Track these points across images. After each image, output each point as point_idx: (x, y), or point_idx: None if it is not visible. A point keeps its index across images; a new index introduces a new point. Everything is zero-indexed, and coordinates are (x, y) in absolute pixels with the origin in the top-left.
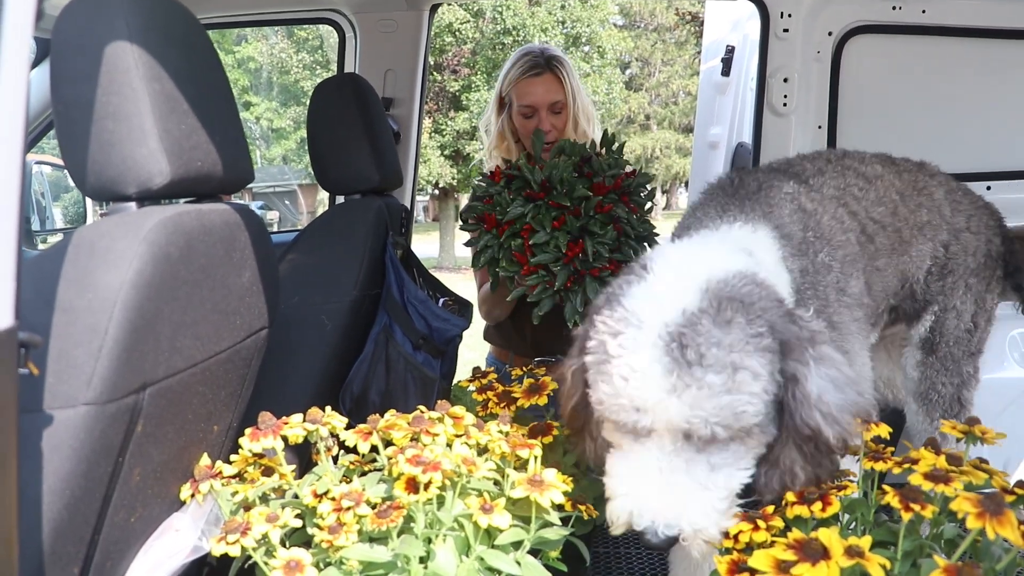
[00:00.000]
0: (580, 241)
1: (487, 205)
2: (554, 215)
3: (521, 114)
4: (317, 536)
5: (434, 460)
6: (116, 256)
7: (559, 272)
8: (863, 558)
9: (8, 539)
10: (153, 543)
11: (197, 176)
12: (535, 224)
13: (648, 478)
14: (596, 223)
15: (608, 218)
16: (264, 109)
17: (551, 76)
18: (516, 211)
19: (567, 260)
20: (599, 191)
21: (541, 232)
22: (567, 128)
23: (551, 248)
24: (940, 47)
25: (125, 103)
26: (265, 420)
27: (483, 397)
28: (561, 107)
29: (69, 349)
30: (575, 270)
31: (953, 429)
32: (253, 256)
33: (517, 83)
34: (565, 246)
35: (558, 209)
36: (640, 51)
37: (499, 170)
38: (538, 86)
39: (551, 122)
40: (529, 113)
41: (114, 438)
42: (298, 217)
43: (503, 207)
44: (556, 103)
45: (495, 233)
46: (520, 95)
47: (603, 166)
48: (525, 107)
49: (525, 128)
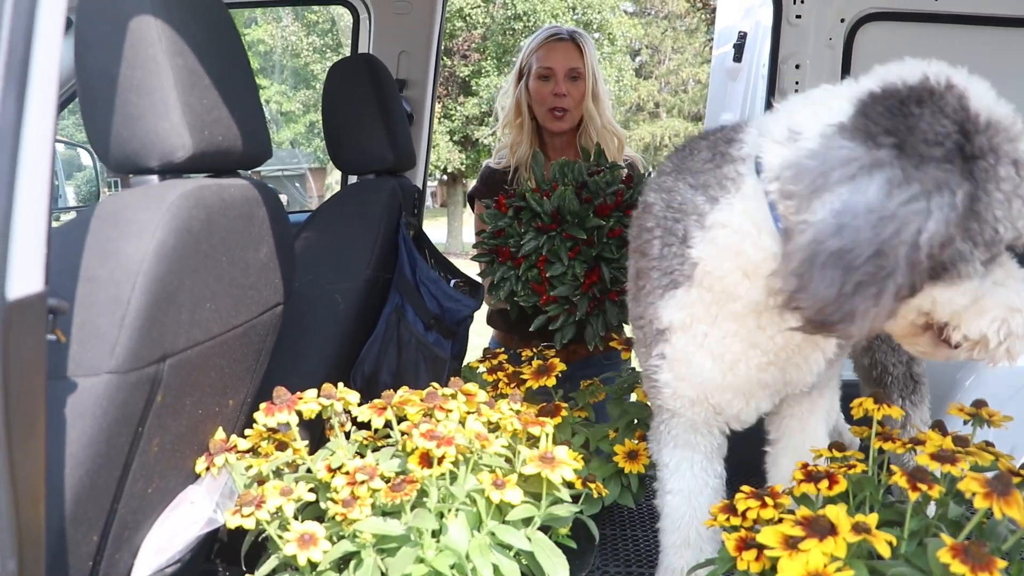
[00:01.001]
0: (597, 268)
1: (499, 238)
2: (569, 246)
3: (539, 75)
4: (331, 509)
5: (448, 435)
6: (139, 227)
7: (579, 301)
8: (870, 535)
9: (35, 500)
10: (169, 514)
11: (218, 150)
12: (551, 256)
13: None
14: (610, 248)
15: (621, 241)
16: (274, 92)
17: (572, 44)
18: (530, 245)
19: (585, 288)
20: (602, 212)
21: (558, 264)
22: (585, 100)
23: (568, 279)
24: (952, 34)
25: (149, 77)
26: (280, 395)
27: (493, 378)
28: (579, 75)
29: (93, 318)
30: (594, 296)
31: (960, 412)
32: (271, 232)
33: (538, 48)
34: (583, 275)
35: (572, 240)
36: (650, 38)
37: (503, 200)
38: (559, 51)
39: (567, 88)
40: (547, 74)
41: (135, 408)
42: (307, 200)
43: (516, 239)
44: (574, 69)
45: (511, 265)
46: (540, 58)
47: (600, 185)
48: (544, 68)
49: (540, 92)
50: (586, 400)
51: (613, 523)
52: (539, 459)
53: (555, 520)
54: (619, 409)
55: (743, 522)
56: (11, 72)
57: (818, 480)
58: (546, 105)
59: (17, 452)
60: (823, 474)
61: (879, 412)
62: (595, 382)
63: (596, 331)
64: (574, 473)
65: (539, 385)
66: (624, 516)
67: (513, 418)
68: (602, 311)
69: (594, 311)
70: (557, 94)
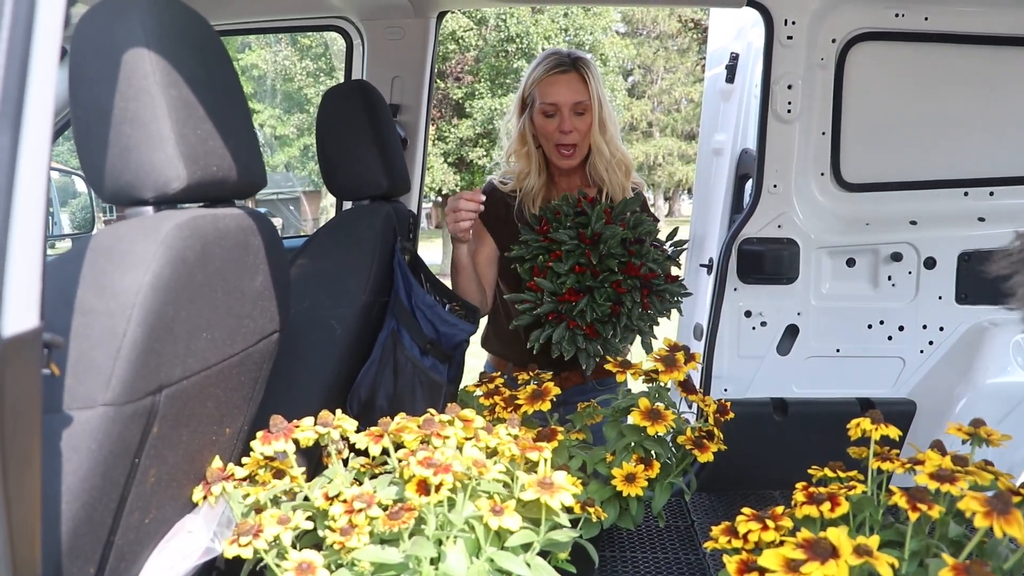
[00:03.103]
0: (616, 307)
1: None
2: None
3: (542, 112)
4: (329, 538)
5: (445, 462)
6: (134, 259)
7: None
8: (872, 557)
9: (31, 536)
10: (166, 544)
11: (213, 181)
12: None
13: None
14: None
15: (638, 282)
16: (268, 116)
17: (576, 75)
18: (583, 303)
19: (615, 312)
20: (633, 271)
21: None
22: (592, 131)
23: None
24: (943, 54)
25: (143, 109)
26: (277, 423)
27: (490, 402)
28: (584, 108)
29: (88, 350)
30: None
31: (959, 431)
32: (266, 260)
33: (540, 81)
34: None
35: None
36: (642, 58)
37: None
38: (562, 85)
39: (573, 123)
40: (551, 111)
41: (131, 439)
42: (302, 223)
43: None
44: (579, 103)
45: (567, 325)
46: (543, 93)
47: (648, 250)
48: (548, 104)
49: (545, 129)
50: (583, 422)
51: (612, 546)
52: (538, 485)
53: (554, 545)
54: (616, 431)
55: (744, 544)
56: (7, 106)
57: (820, 502)
58: (552, 141)
59: (13, 488)
60: (825, 496)
61: (876, 432)
62: (592, 404)
63: (590, 356)
64: (573, 498)
65: (534, 410)
66: (623, 539)
67: (511, 443)
68: (605, 337)
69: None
70: (563, 131)
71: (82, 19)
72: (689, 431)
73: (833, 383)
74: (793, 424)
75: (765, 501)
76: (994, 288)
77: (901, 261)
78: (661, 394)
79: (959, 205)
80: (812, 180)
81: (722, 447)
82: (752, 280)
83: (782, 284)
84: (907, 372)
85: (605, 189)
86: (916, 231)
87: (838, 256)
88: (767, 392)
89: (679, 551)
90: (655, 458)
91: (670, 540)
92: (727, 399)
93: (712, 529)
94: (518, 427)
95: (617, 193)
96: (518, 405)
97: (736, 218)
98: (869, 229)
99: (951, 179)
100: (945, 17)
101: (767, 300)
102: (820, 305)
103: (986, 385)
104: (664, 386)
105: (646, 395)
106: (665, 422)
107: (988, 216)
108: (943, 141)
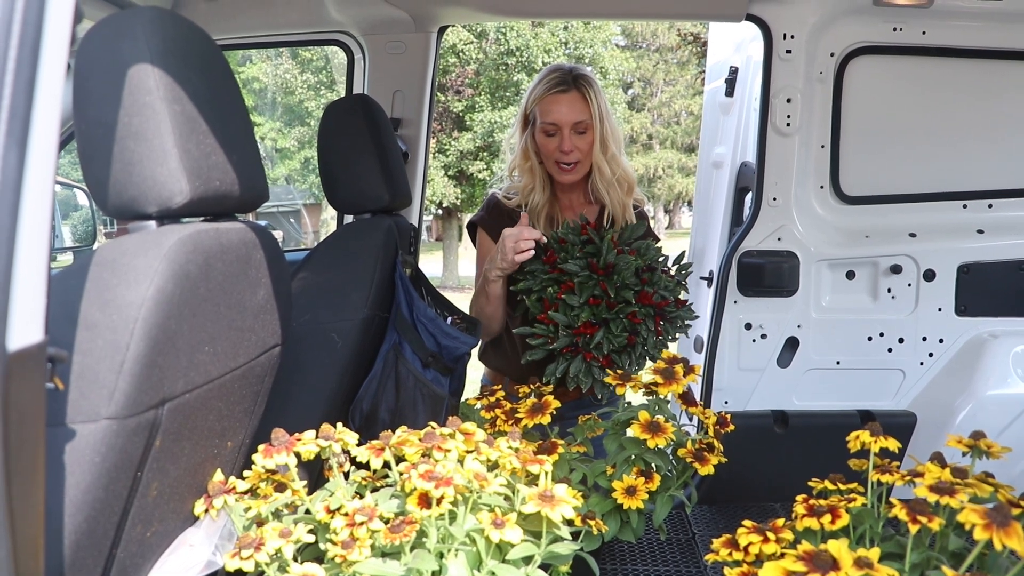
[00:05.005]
0: (632, 337)
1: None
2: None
3: (544, 131)
4: (330, 551)
5: (446, 475)
6: (137, 273)
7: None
8: (872, 569)
9: (34, 550)
10: (167, 558)
11: (215, 195)
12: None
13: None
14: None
15: (652, 310)
16: (268, 129)
17: (577, 94)
18: (599, 335)
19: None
20: (645, 300)
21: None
22: (593, 151)
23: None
24: (941, 67)
25: (146, 124)
26: (278, 436)
27: (491, 415)
28: (586, 128)
29: (92, 364)
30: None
31: (959, 443)
32: (268, 274)
33: (542, 100)
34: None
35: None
36: (642, 71)
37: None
38: (562, 104)
39: (574, 143)
40: (552, 131)
41: (134, 452)
42: (303, 236)
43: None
44: (580, 123)
45: (583, 358)
46: (544, 112)
47: (660, 278)
48: (548, 124)
49: (546, 147)
50: (584, 435)
51: (613, 559)
52: (539, 497)
53: (555, 558)
54: (616, 444)
55: (745, 557)
56: (13, 125)
57: (820, 514)
58: (553, 159)
59: (16, 502)
60: (825, 508)
61: (876, 444)
62: (593, 417)
63: (606, 387)
64: (573, 511)
65: (534, 423)
66: (624, 551)
67: (512, 456)
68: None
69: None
70: (564, 151)
71: (87, 35)
72: (690, 443)
73: (833, 395)
74: (793, 436)
75: (766, 513)
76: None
77: (901, 273)
78: (661, 407)
79: (958, 217)
80: (812, 193)
81: (723, 459)
82: (752, 293)
83: (782, 296)
84: (907, 384)
85: (606, 207)
86: (915, 243)
87: (838, 268)
88: (767, 404)
89: (680, 564)
90: (656, 471)
91: (671, 553)
92: (727, 411)
93: (713, 541)
94: (519, 440)
95: (618, 211)
96: (519, 418)
97: (736, 231)
98: (868, 241)
99: (950, 192)
100: (943, 31)
101: (767, 312)
102: (820, 317)
103: (986, 397)
104: (664, 399)
105: (646, 408)
106: (665, 435)
107: (987, 228)
108: (942, 154)
